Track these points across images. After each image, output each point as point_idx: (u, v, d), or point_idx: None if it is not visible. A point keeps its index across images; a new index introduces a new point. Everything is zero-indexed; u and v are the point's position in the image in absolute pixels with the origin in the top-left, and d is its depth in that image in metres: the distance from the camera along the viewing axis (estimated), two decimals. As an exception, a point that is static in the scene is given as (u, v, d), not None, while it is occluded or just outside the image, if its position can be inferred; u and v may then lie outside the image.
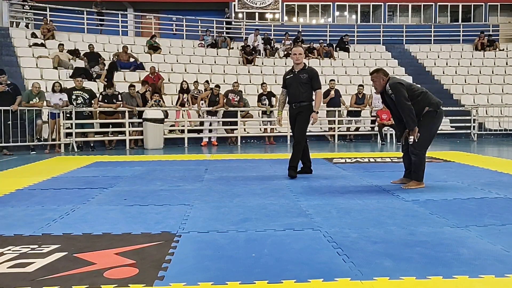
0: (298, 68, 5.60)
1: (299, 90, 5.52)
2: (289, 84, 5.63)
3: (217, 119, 11.38)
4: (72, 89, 9.93)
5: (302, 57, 5.62)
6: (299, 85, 5.52)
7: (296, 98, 5.55)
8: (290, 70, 5.73)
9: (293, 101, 5.59)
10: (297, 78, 5.55)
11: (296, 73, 5.59)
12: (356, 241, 2.88)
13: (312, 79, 5.54)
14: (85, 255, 2.64)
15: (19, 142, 9.04)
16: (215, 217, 3.56)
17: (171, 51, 15.18)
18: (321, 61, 15.83)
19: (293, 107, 5.60)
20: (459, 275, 2.30)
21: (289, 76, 5.66)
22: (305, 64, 5.71)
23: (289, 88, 5.62)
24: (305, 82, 5.52)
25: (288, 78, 5.66)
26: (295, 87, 5.54)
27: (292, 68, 5.69)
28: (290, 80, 5.62)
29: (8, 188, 4.89)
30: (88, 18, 15.53)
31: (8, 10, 14.59)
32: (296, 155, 5.60)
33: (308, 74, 5.55)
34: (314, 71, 5.65)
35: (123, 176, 5.80)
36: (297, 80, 5.54)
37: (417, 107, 4.59)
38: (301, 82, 5.52)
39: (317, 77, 5.61)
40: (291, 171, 5.57)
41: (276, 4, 20.55)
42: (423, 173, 4.77)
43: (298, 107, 5.56)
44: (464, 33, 18.21)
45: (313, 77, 5.56)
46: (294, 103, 5.58)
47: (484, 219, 3.45)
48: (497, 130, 12.87)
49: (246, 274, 2.34)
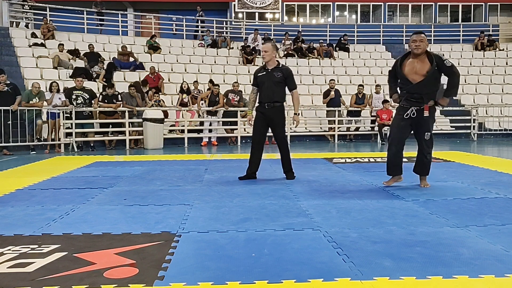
0: (271, 66, 5.28)
1: (272, 89, 5.22)
2: (261, 82, 5.30)
3: (217, 119, 11.38)
4: (72, 89, 9.93)
5: (268, 55, 5.23)
6: (272, 84, 5.22)
7: (269, 98, 5.24)
8: (262, 68, 5.39)
9: (266, 100, 5.26)
10: (271, 76, 5.24)
11: (270, 71, 5.26)
12: (356, 241, 2.88)
13: (287, 78, 5.25)
14: (85, 255, 2.64)
15: (19, 142, 9.05)
16: (215, 217, 3.56)
17: (171, 51, 15.18)
18: (321, 61, 15.84)
19: (266, 107, 5.27)
20: (459, 275, 2.30)
21: (261, 73, 5.32)
22: (279, 62, 5.40)
23: (261, 87, 5.30)
24: (279, 81, 5.22)
25: (260, 75, 5.32)
26: (268, 86, 5.23)
27: (264, 65, 5.35)
28: (262, 78, 5.29)
29: (8, 188, 4.89)
30: (88, 18, 15.53)
31: (8, 10, 14.58)
32: (288, 156, 5.44)
33: (283, 73, 5.25)
34: (289, 70, 5.35)
35: (123, 176, 5.80)
36: (270, 78, 5.23)
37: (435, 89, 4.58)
38: (274, 81, 5.22)
39: (292, 77, 5.32)
40: (291, 173, 5.46)
41: (276, 4, 20.54)
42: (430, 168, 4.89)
43: (272, 107, 5.25)
44: (464, 33, 18.21)
45: (288, 76, 5.26)
46: (267, 103, 5.25)
47: (484, 219, 3.45)
48: (497, 130, 12.87)
49: (246, 274, 2.34)
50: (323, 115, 12.42)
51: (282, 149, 5.42)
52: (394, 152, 4.70)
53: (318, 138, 12.16)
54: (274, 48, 5.36)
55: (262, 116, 5.33)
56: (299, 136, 12.06)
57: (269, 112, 5.29)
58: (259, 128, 5.37)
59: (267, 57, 5.26)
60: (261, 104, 5.35)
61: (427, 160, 4.75)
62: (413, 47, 4.52)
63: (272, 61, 5.30)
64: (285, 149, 5.42)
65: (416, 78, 4.51)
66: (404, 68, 4.59)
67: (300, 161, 7.37)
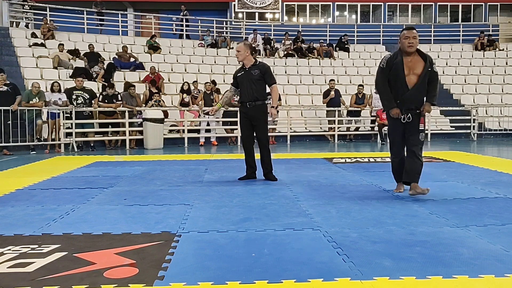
0: (248, 65, 5.27)
1: (251, 87, 5.22)
2: (240, 82, 5.31)
3: (215, 119, 11.38)
4: (73, 89, 9.93)
5: (241, 54, 5.23)
6: (251, 82, 5.21)
7: (249, 97, 5.23)
8: (241, 68, 5.39)
9: (247, 99, 5.25)
10: (249, 74, 5.23)
11: (247, 69, 5.26)
12: (356, 241, 2.88)
13: (264, 74, 5.24)
14: (85, 255, 2.64)
15: (19, 142, 9.05)
16: (215, 217, 3.56)
17: (171, 51, 15.18)
18: (321, 61, 15.84)
19: (247, 106, 5.25)
20: (459, 275, 2.30)
21: (240, 73, 5.33)
22: (256, 59, 5.39)
23: (241, 86, 5.31)
24: (257, 79, 5.22)
25: (239, 75, 5.33)
26: (247, 85, 5.23)
27: (243, 65, 5.35)
28: (241, 77, 5.30)
29: (8, 188, 4.89)
30: (88, 18, 15.53)
31: (8, 10, 14.58)
32: (269, 157, 5.38)
33: (260, 70, 5.24)
34: (266, 66, 5.36)
35: (123, 176, 5.80)
36: (248, 77, 5.23)
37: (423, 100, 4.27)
38: (252, 79, 5.21)
39: (269, 72, 5.31)
40: (272, 175, 5.39)
41: (276, 4, 20.54)
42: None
43: (253, 106, 5.23)
44: (464, 33, 18.20)
45: (265, 72, 5.25)
46: (249, 102, 5.24)
47: (484, 218, 3.45)
48: (497, 130, 12.86)
49: (246, 274, 2.34)
50: (323, 115, 12.42)
51: (263, 150, 5.36)
52: (399, 160, 4.41)
53: (318, 138, 12.15)
54: (247, 47, 5.33)
55: (245, 116, 5.33)
56: (299, 136, 12.06)
57: (252, 111, 5.27)
58: (246, 129, 5.40)
59: (240, 57, 5.29)
60: (242, 104, 5.34)
61: (421, 164, 4.27)
62: (406, 44, 4.13)
63: (248, 59, 5.29)
64: (266, 150, 5.36)
65: (413, 79, 4.18)
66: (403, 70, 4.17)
67: (300, 161, 7.38)
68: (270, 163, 5.42)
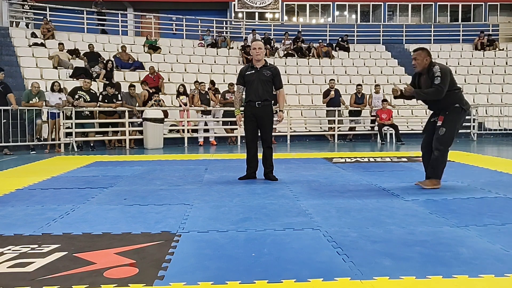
0: (259, 65, 5.23)
1: (262, 88, 5.19)
2: (249, 81, 5.23)
3: (213, 119, 11.37)
4: (78, 88, 9.95)
5: (262, 52, 5.24)
6: (262, 82, 5.19)
7: (259, 97, 5.20)
8: (250, 66, 5.31)
9: (256, 99, 5.21)
10: (260, 75, 5.19)
11: (259, 69, 5.21)
12: (355, 241, 2.88)
13: (275, 77, 5.25)
14: (85, 255, 2.64)
15: (19, 142, 9.05)
16: (215, 217, 3.56)
17: (171, 51, 15.18)
18: (320, 61, 15.84)
19: (256, 106, 5.22)
20: (459, 275, 2.30)
21: (249, 72, 5.24)
22: (266, 60, 5.37)
23: (250, 86, 5.24)
24: (268, 80, 5.21)
25: (248, 74, 5.24)
26: (257, 85, 5.18)
27: (252, 63, 5.29)
28: (251, 76, 5.22)
29: (8, 188, 4.89)
30: (88, 18, 15.52)
31: (8, 10, 14.58)
32: (271, 158, 5.40)
33: (272, 72, 5.23)
34: (277, 70, 5.36)
35: (123, 175, 5.80)
36: (259, 77, 5.19)
37: (449, 100, 4.54)
38: (264, 80, 5.19)
39: (280, 76, 5.35)
40: (272, 175, 5.39)
41: (276, 4, 20.54)
42: (442, 171, 4.68)
43: (262, 106, 5.22)
44: (464, 33, 18.21)
45: (276, 75, 5.26)
46: (257, 101, 5.21)
47: (484, 218, 3.45)
48: (497, 129, 12.87)
49: (246, 274, 2.34)
50: (323, 115, 12.42)
51: (267, 150, 5.37)
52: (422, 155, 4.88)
53: (318, 138, 12.16)
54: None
55: (252, 115, 5.29)
56: (299, 136, 12.06)
57: (259, 111, 5.25)
58: (251, 128, 5.34)
59: (261, 55, 5.25)
60: (250, 103, 5.28)
61: (437, 156, 4.57)
62: (413, 63, 4.67)
63: (261, 59, 5.30)
64: (270, 150, 5.38)
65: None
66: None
67: (300, 160, 7.38)
68: (272, 163, 5.42)
